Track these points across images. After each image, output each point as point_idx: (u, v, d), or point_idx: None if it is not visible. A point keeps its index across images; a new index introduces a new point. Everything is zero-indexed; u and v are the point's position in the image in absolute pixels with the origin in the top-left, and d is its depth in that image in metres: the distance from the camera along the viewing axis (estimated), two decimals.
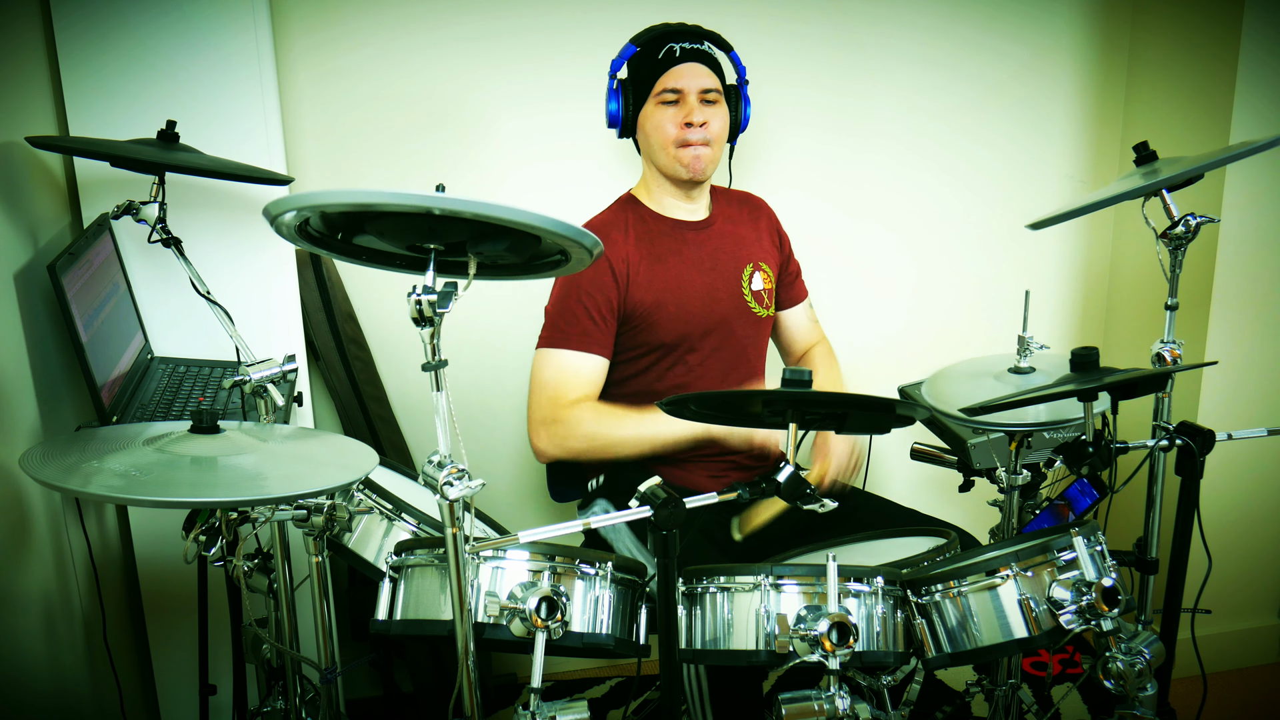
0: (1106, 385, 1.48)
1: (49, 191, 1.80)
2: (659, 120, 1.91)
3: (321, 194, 1.10)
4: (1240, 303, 2.33)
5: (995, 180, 2.59)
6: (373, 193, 1.06)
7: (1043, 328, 2.64)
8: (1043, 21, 2.52)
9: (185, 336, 1.88)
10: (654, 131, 1.92)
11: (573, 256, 1.24)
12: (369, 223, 1.16)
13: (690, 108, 1.89)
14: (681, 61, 1.89)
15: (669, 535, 1.25)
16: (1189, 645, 1.74)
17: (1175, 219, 1.60)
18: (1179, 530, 1.63)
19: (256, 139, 1.84)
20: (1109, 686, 1.36)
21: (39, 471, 1.16)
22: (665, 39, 1.91)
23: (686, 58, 1.90)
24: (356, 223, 1.18)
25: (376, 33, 2.20)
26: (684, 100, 1.90)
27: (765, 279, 2.05)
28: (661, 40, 1.91)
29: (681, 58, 1.89)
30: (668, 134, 1.91)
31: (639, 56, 1.92)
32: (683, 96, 1.90)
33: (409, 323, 1.13)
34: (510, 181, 2.33)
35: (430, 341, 1.14)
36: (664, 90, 1.90)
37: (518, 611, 1.28)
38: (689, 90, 1.89)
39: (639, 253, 1.93)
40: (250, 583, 1.58)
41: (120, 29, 1.75)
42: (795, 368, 1.34)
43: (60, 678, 1.61)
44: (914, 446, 2.00)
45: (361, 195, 1.08)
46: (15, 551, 1.49)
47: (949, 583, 1.37)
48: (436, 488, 1.17)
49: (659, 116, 1.91)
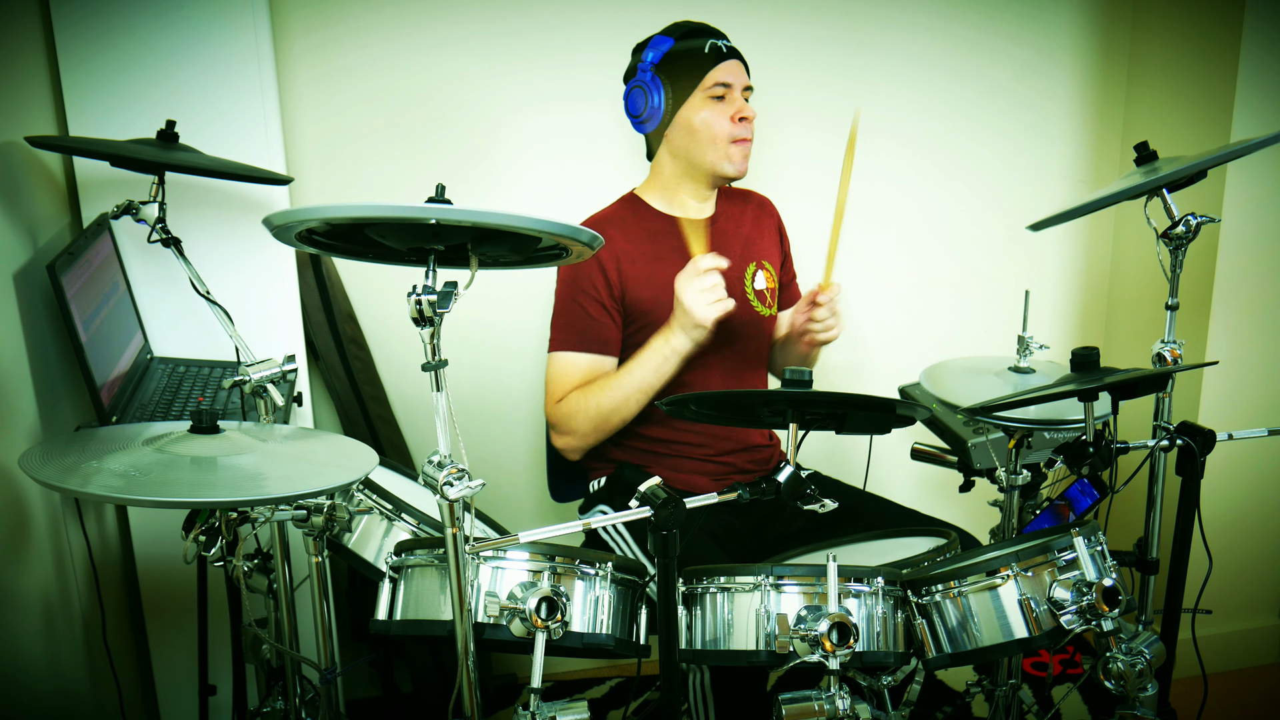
0: (1107, 385, 1.48)
1: (48, 191, 1.80)
2: (708, 116, 1.87)
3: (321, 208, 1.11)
4: (1241, 303, 2.33)
5: (995, 180, 2.59)
6: (372, 206, 1.08)
7: (1043, 328, 2.64)
8: (1043, 21, 2.52)
9: (185, 336, 1.88)
10: (703, 128, 1.88)
11: (573, 250, 1.26)
12: (370, 228, 1.16)
13: (740, 103, 1.89)
14: (729, 58, 1.89)
15: (669, 535, 1.25)
16: (1189, 645, 1.74)
17: (1176, 219, 1.60)
18: (1179, 530, 1.63)
19: (256, 139, 1.84)
20: (1109, 687, 1.36)
21: (38, 471, 1.16)
22: (700, 34, 1.89)
23: (732, 55, 1.89)
24: (358, 227, 1.19)
25: (377, 33, 2.20)
26: (731, 96, 1.89)
27: (768, 278, 2.05)
28: (698, 35, 1.89)
29: (728, 54, 1.89)
30: (721, 130, 1.88)
31: (677, 51, 1.88)
32: (730, 92, 1.89)
33: (409, 323, 1.13)
34: (514, 182, 2.33)
35: (430, 341, 1.14)
36: (715, 84, 1.87)
37: (518, 612, 1.28)
38: (737, 85, 1.89)
39: (637, 250, 1.93)
40: (250, 583, 1.58)
41: (120, 29, 1.75)
42: (796, 367, 1.34)
43: (60, 678, 1.61)
44: (914, 446, 2.00)
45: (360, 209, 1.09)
46: (15, 551, 1.49)
47: (949, 583, 1.37)
48: (436, 488, 1.17)
49: (708, 112, 1.87)
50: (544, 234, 1.14)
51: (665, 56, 1.88)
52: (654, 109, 1.89)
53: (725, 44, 1.89)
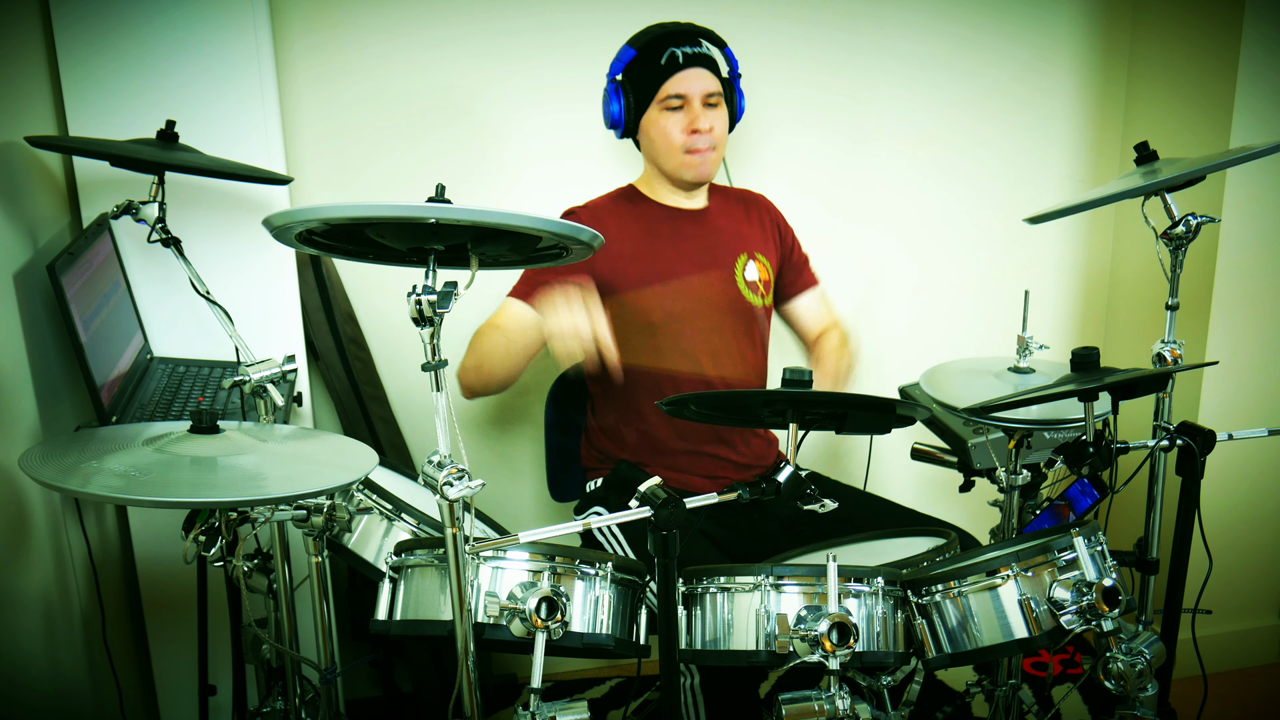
0: (1107, 385, 1.48)
1: (48, 191, 1.80)
2: (664, 126, 1.90)
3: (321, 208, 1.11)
4: (1241, 303, 2.33)
5: (995, 180, 2.59)
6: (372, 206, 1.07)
7: (1043, 328, 2.64)
8: (1043, 21, 2.52)
9: (185, 336, 1.88)
10: (659, 137, 1.92)
11: (573, 250, 1.25)
12: (370, 227, 1.16)
13: (695, 114, 1.89)
14: (685, 67, 1.88)
15: (669, 535, 1.25)
16: (1189, 645, 1.74)
17: (1176, 219, 1.60)
18: (1179, 530, 1.63)
19: (256, 139, 1.84)
20: (1109, 687, 1.36)
21: (38, 471, 1.16)
22: (664, 42, 1.89)
23: (690, 63, 1.89)
24: (358, 227, 1.18)
25: (377, 33, 2.20)
26: (688, 106, 1.89)
27: (761, 269, 2.05)
28: (661, 43, 1.89)
29: (685, 63, 1.88)
30: (674, 140, 1.90)
31: (639, 60, 1.91)
32: (687, 102, 1.89)
33: (409, 323, 1.13)
34: (514, 181, 2.33)
35: (430, 341, 1.14)
36: (669, 96, 1.89)
37: (518, 612, 1.28)
38: (693, 95, 1.89)
39: (630, 233, 1.94)
40: (250, 583, 1.58)
41: (120, 29, 1.75)
42: (795, 367, 1.34)
43: (60, 678, 1.61)
44: (914, 446, 2.00)
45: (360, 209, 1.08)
46: (15, 551, 1.49)
47: (949, 583, 1.37)
48: (436, 488, 1.17)
49: (664, 122, 1.90)
50: (544, 233, 1.14)
51: (625, 67, 1.93)
52: (617, 118, 1.94)
53: (687, 50, 1.89)
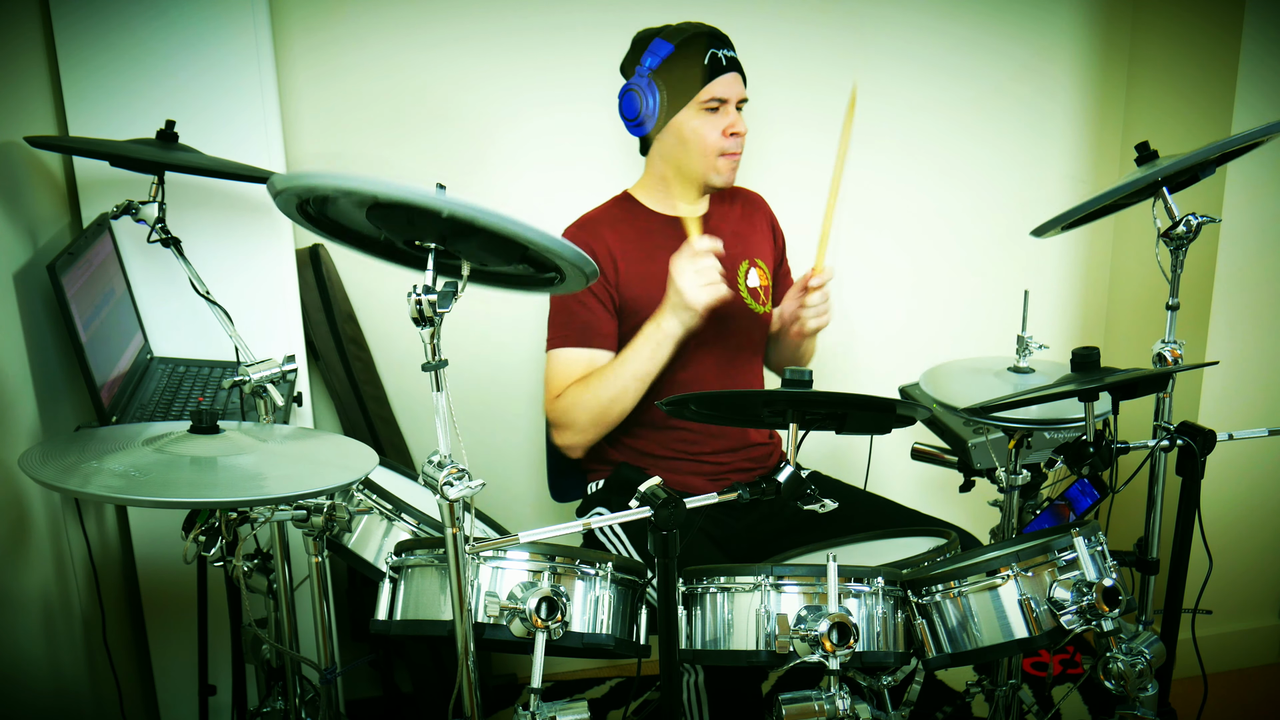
0: (1107, 385, 1.48)
1: (48, 191, 1.80)
2: (700, 128, 1.88)
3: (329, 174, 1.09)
4: (1241, 303, 2.33)
5: (995, 180, 2.59)
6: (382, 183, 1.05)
7: (1043, 328, 2.64)
8: (1043, 21, 2.52)
9: (185, 336, 1.88)
10: (694, 138, 1.89)
11: (568, 276, 1.25)
12: (370, 211, 1.15)
13: (733, 118, 1.89)
14: (727, 71, 1.88)
15: (669, 535, 1.25)
16: (1190, 645, 1.74)
17: (1176, 219, 1.60)
18: (1180, 530, 1.63)
19: (256, 139, 1.84)
20: (1110, 687, 1.36)
21: (38, 472, 1.16)
22: (703, 42, 1.87)
23: (731, 67, 1.89)
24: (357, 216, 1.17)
25: (377, 33, 2.20)
26: (726, 109, 1.89)
27: (761, 275, 2.05)
28: (698, 43, 1.87)
29: (727, 67, 1.88)
30: (711, 143, 1.88)
31: (677, 57, 1.87)
32: (725, 105, 1.89)
33: (409, 323, 1.13)
34: (514, 181, 2.33)
35: (430, 341, 1.14)
36: (711, 99, 1.87)
37: (518, 612, 1.28)
38: (731, 99, 1.89)
39: (629, 248, 1.93)
40: (250, 583, 1.58)
41: (120, 29, 1.75)
42: (796, 367, 1.34)
43: (60, 678, 1.61)
44: (914, 446, 2.00)
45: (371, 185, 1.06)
46: (15, 551, 1.49)
47: (949, 583, 1.37)
48: (436, 488, 1.17)
49: (701, 124, 1.88)
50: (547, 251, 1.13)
51: (664, 62, 1.88)
52: (649, 114, 1.89)
53: (726, 54, 1.88)
